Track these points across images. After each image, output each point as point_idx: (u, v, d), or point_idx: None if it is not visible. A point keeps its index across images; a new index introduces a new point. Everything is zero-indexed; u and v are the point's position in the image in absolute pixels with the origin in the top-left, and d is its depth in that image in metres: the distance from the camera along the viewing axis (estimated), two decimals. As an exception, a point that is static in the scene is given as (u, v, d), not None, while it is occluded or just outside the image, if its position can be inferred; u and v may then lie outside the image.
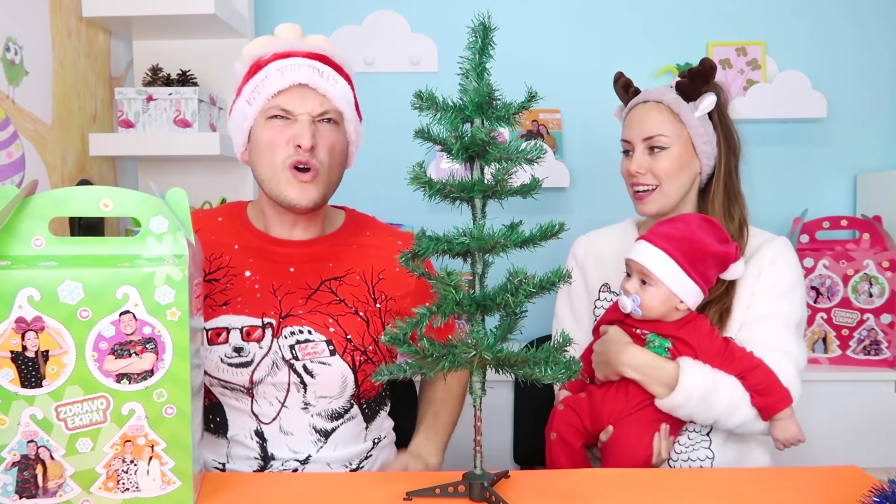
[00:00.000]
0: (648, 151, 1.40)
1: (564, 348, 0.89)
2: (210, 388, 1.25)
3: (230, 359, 1.23)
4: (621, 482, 1.03)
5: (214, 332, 1.24)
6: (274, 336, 1.24)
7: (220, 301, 1.26)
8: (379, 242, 1.37)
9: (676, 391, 1.24)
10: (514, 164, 0.88)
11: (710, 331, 1.30)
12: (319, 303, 1.28)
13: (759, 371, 1.27)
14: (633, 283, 1.29)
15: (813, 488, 1.00)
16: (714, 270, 1.29)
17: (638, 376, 1.27)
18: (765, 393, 1.27)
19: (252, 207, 1.37)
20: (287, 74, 1.23)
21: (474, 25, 0.89)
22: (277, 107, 1.23)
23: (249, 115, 1.26)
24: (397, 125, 2.40)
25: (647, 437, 1.26)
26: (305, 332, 1.25)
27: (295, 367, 1.24)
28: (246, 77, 1.28)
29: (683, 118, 1.39)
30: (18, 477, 0.87)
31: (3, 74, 1.61)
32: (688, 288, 1.27)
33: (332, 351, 1.25)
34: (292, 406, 1.25)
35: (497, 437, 2.03)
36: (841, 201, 2.46)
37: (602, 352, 1.31)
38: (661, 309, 1.28)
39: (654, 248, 1.27)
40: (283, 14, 2.45)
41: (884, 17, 2.41)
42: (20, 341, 0.86)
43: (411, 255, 0.91)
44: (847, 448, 2.08)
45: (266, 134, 1.24)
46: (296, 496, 0.98)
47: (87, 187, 0.91)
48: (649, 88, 1.45)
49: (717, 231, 1.31)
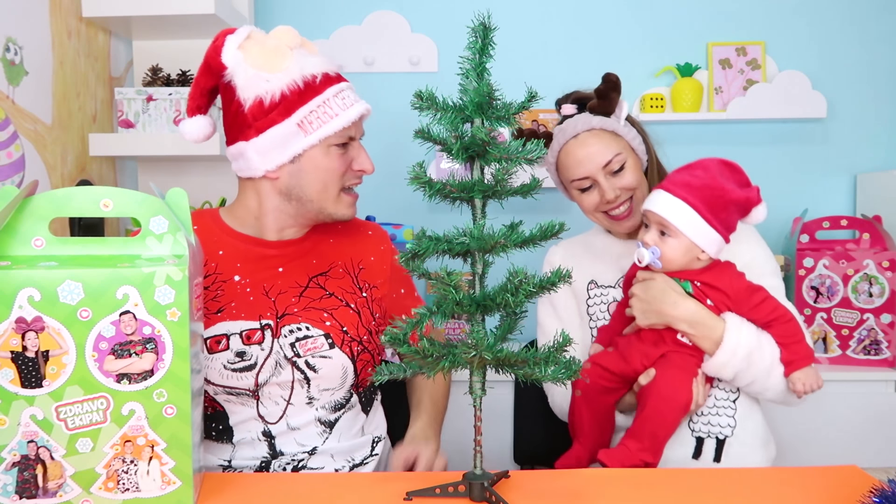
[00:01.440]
0: (610, 176, 1.39)
1: (564, 348, 0.89)
2: (214, 396, 1.24)
3: (233, 364, 1.22)
4: (621, 482, 1.03)
5: (214, 339, 1.23)
6: (274, 336, 1.24)
7: (213, 309, 1.25)
8: (351, 233, 1.41)
9: (722, 348, 1.25)
10: (514, 164, 0.88)
11: (737, 275, 1.29)
12: (312, 299, 1.29)
13: (791, 324, 1.27)
14: (652, 235, 1.27)
15: (813, 488, 1.00)
16: (736, 216, 1.27)
17: (692, 331, 1.26)
18: (794, 347, 1.27)
19: (229, 213, 1.35)
20: (350, 107, 1.25)
21: (474, 25, 0.89)
22: (345, 136, 1.26)
23: (304, 141, 1.24)
24: (397, 125, 2.40)
25: (688, 381, 1.25)
26: (304, 329, 1.26)
27: (297, 364, 1.24)
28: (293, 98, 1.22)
29: (618, 131, 1.40)
30: (18, 477, 0.87)
31: (3, 74, 1.61)
32: (710, 237, 1.25)
33: (331, 344, 1.26)
34: (297, 403, 1.26)
35: (497, 437, 2.03)
36: (841, 201, 2.46)
37: (648, 299, 1.29)
38: (682, 260, 1.27)
39: (674, 197, 1.24)
40: (283, 14, 2.46)
41: (884, 17, 2.41)
42: (20, 341, 0.86)
43: (411, 255, 0.91)
44: (847, 448, 2.08)
45: (329, 162, 1.26)
46: (296, 496, 0.98)
47: (87, 187, 0.91)
48: (566, 123, 1.42)
49: (738, 174, 1.28)
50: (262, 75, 1.20)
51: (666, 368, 1.26)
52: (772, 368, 1.28)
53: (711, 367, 1.28)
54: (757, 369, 1.27)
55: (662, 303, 1.27)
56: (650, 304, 1.29)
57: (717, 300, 1.28)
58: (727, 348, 1.25)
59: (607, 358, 1.32)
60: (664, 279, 1.29)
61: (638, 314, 1.30)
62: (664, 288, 1.28)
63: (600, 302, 1.48)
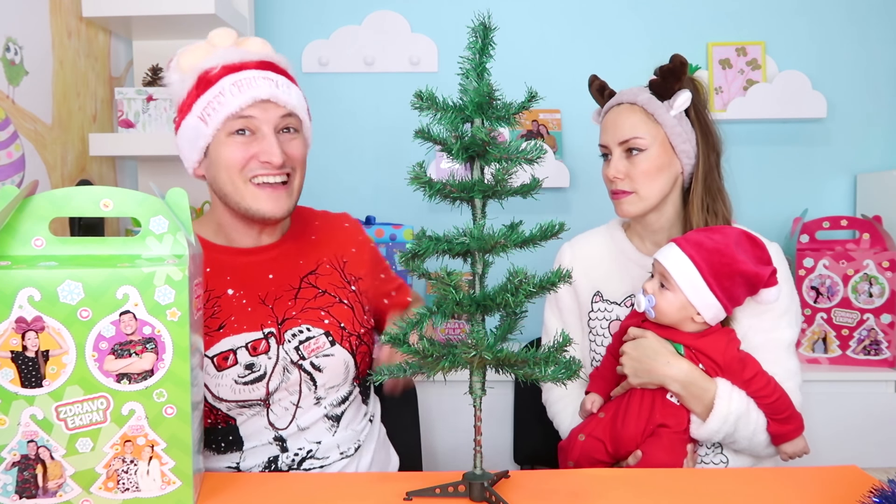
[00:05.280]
0: (626, 154, 1.37)
1: (564, 348, 0.89)
2: (227, 412, 1.23)
3: (244, 377, 1.22)
4: (621, 482, 1.03)
5: (221, 356, 1.22)
6: (278, 343, 1.25)
7: (214, 326, 1.24)
8: (329, 228, 1.41)
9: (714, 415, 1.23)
10: (514, 164, 0.88)
11: (732, 343, 1.26)
12: (307, 299, 1.30)
13: (781, 401, 1.26)
14: (653, 284, 1.26)
15: (813, 488, 1.00)
16: (743, 289, 1.23)
17: (683, 392, 1.24)
18: (785, 422, 1.26)
19: (203, 226, 1.34)
20: (246, 91, 1.20)
21: (474, 25, 0.89)
22: (238, 120, 1.21)
23: (206, 133, 1.22)
24: (397, 125, 2.40)
25: (678, 460, 1.24)
26: (305, 330, 1.27)
27: (303, 367, 1.25)
28: (193, 92, 1.24)
29: (659, 118, 1.35)
30: (18, 477, 0.87)
31: (3, 74, 1.61)
32: (707, 301, 1.22)
33: (332, 341, 1.28)
34: (306, 405, 1.27)
35: (497, 437, 2.03)
36: (841, 201, 2.46)
37: (640, 357, 1.26)
38: (676, 316, 1.24)
39: (682, 252, 1.23)
40: (283, 14, 2.46)
41: (884, 17, 2.41)
42: (20, 341, 0.86)
43: (411, 255, 0.91)
44: (847, 448, 2.08)
45: (229, 152, 1.22)
46: (296, 496, 0.98)
47: (87, 187, 0.91)
48: (624, 90, 1.42)
49: (758, 250, 1.25)
50: (179, 76, 1.26)
51: (654, 450, 1.23)
52: (756, 433, 1.26)
53: (703, 434, 1.25)
54: (742, 435, 1.26)
55: (655, 361, 1.24)
56: (641, 362, 1.26)
57: (707, 366, 1.26)
58: (719, 414, 1.23)
59: (601, 429, 1.28)
60: (655, 338, 1.27)
61: (630, 373, 1.27)
62: (656, 347, 1.26)
63: (603, 318, 1.45)
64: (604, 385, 1.34)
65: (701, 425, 1.25)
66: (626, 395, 1.29)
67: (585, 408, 1.33)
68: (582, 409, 1.34)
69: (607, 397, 1.33)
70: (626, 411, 1.27)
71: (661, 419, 1.25)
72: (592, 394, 1.34)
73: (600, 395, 1.34)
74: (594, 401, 1.33)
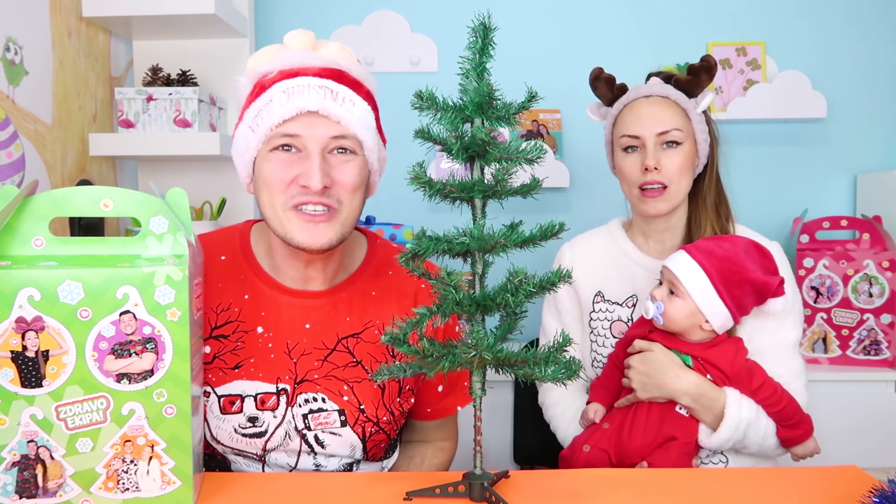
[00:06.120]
0: (661, 147, 1.34)
1: (564, 348, 0.89)
2: (223, 454, 1.19)
3: (244, 429, 1.15)
4: (621, 482, 1.03)
5: (227, 399, 1.14)
6: (288, 404, 1.15)
7: (231, 363, 1.14)
8: (400, 286, 1.21)
9: (724, 424, 1.23)
10: (514, 164, 0.88)
11: (740, 353, 1.26)
12: (335, 365, 1.16)
13: (790, 406, 1.26)
14: (662, 291, 1.25)
15: (813, 488, 1.00)
16: (751, 299, 1.24)
17: (694, 405, 1.24)
18: (794, 427, 1.27)
19: (258, 236, 1.22)
20: (294, 100, 1.05)
21: (474, 25, 0.89)
22: (282, 137, 1.07)
23: (252, 146, 1.09)
24: (397, 125, 2.39)
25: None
26: (319, 401, 1.16)
27: (307, 438, 1.17)
28: (250, 97, 1.12)
29: (690, 114, 1.36)
30: (18, 477, 0.87)
31: (3, 74, 1.61)
32: (716, 309, 1.22)
33: (343, 422, 1.16)
34: (303, 468, 1.20)
35: (497, 437, 2.03)
36: (841, 201, 2.46)
37: (648, 371, 1.25)
38: (684, 324, 1.24)
39: (691, 259, 1.23)
40: (283, 14, 2.46)
41: (884, 17, 2.41)
42: (20, 341, 0.86)
43: (411, 255, 0.91)
44: (847, 448, 2.07)
45: (269, 169, 1.08)
46: (295, 496, 0.98)
47: (87, 187, 0.91)
48: (640, 84, 1.41)
49: (766, 261, 1.25)
50: (244, 80, 1.14)
51: (663, 462, 1.23)
52: (766, 439, 1.27)
53: (714, 443, 1.25)
54: (752, 441, 1.26)
55: (664, 375, 1.23)
56: (650, 377, 1.25)
57: (715, 377, 1.26)
58: (730, 423, 1.23)
59: (606, 440, 1.27)
60: (663, 351, 1.26)
61: (638, 387, 1.26)
62: (664, 360, 1.24)
63: (604, 318, 1.44)
64: (606, 395, 1.34)
65: (711, 435, 1.25)
66: (633, 406, 1.29)
67: (588, 417, 1.32)
68: (584, 417, 1.34)
69: (610, 407, 1.33)
70: (633, 423, 1.26)
71: (670, 431, 1.25)
72: (595, 403, 1.34)
73: (603, 406, 1.33)
74: (597, 410, 1.32)
